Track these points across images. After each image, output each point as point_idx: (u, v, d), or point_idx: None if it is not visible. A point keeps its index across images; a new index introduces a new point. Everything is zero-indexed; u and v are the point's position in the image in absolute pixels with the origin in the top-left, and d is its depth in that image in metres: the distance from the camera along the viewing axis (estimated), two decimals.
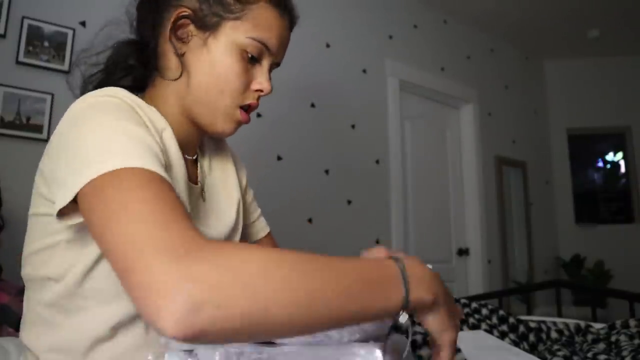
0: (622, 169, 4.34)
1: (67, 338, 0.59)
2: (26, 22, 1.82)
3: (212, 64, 0.66)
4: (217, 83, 0.67)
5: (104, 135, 0.52)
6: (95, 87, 0.70)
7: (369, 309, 0.47)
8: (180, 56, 0.67)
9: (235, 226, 0.78)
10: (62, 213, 0.53)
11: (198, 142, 0.76)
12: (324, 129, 2.71)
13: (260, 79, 0.70)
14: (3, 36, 1.78)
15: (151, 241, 0.42)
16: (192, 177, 0.73)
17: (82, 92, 0.70)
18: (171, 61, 0.68)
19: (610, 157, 4.41)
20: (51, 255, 0.60)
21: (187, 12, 0.66)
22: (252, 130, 2.46)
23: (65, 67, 1.87)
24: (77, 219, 0.54)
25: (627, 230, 4.15)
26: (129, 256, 0.42)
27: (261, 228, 0.92)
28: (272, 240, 0.94)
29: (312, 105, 2.68)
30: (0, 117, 1.74)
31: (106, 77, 0.72)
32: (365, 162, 2.91)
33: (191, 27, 0.67)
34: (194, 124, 0.71)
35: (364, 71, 2.99)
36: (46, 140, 1.80)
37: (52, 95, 1.83)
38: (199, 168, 0.76)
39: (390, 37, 3.19)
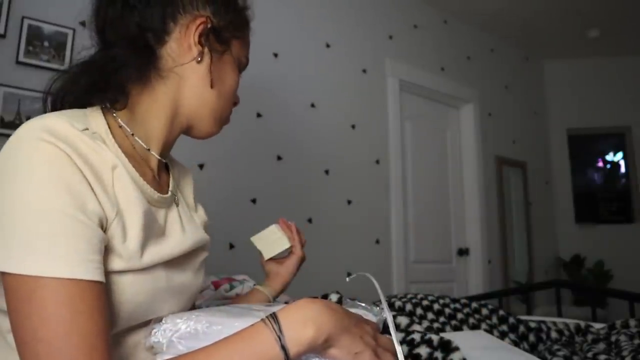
0: (622, 169, 4.34)
1: None
2: (26, 22, 1.82)
3: (225, 76, 0.72)
4: (227, 94, 0.73)
5: (32, 217, 0.51)
6: (82, 90, 0.68)
7: None
8: (199, 63, 0.69)
9: (207, 241, 0.78)
10: None
11: (172, 145, 0.76)
12: (324, 129, 2.71)
13: (236, 93, 0.77)
14: (3, 36, 1.78)
15: None
16: (163, 184, 0.73)
17: (53, 97, 0.69)
18: (182, 66, 0.68)
19: (610, 157, 4.41)
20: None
21: (210, 22, 0.69)
22: (252, 130, 2.46)
23: (65, 67, 1.87)
24: None
25: (627, 230, 4.15)
26: None
27: None
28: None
29: (312, 106, 2.68)
30: (0, 117, 1.74)
31: (94, 80, 0.68)
32: (365, 162, 2.91)
33: (212, 39, 0.69)
34: (183, 126, 0.72)
35: (364, 71, 2.99)
36: None
37: None
38: (171, 175, 0.77)
39: (390, 37, 3.19)
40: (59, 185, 0.52)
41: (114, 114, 0.67)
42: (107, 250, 0.56)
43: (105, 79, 0.66)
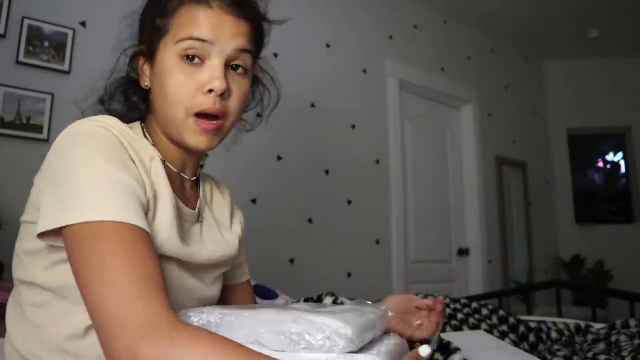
0: (622, 169, 4.34)
1: (51, 338, 0.61)
2: (26, 22, 1.82)
3: (160, 84, 0.68)
4: (165, 97, 0.67)
5: (89, 177, 0.56)
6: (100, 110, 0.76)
7: None
8: (147, 88, 0.72)
9: (232, 257, 0.80)
10: (43, 233, 0.57)
11: (192, 162, 0.77)
12: (324, 129, 2.71)
13: (207, 78, 0.65)
14: (3, 36, 1.78)
15: (129, 320, 0.49)
16: (190, 200, 0.75)
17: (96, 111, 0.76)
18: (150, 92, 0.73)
19: (610, 157, 4.41)
20: (37, 260, 0.62)
21: (137, 48, 0.73)
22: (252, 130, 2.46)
23: (65, 67, 1.87)
24: (55, 243, 0.58)
25: (627, 230, 4.15)
26: (109, 330, 0.49)
27: (243, 273, 0.92)
28: (250, 287, 0.95)
29: (312, 105, 2.68)
30: (0, 117, 1.74)
31: (113, 103, 0.77)
32: (365, 162, 2.91)
33: (141, 59, 0.73)
34: (177, 145, 0.73)
35: (364, 71, 2.99)
36: (46, 140, 1.80)
37: (52, 95, 1.83)
38: (200, 192, 0.79)
39: (390, 37, 3.19)
40: (110, 154, 0.59)
41: (143, 127, 0.74)
42: None
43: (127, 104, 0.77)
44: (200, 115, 0.66)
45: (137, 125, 0.73)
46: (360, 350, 0.54)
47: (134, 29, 0.75)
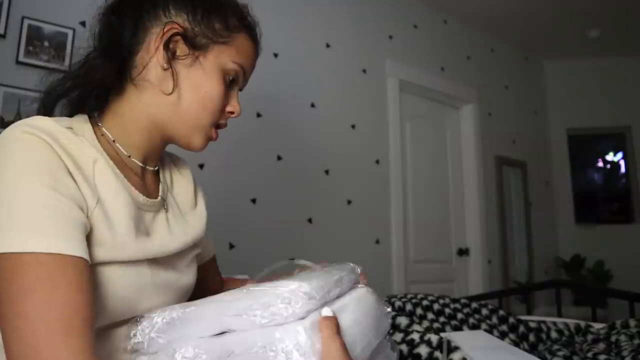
0: (622, 169, 4.34)
1: None
2: (26, 22, 1.83)
3: (199, 83, 0.69)
4: (202, 101, 0.69)
5: (15, 201, 0.52)
6: (57, 98, 0.70)
7: None
8: (166, 70, 0.68)
9: (200, 239, 0.79)
10: None
11: (160, 154, 0.77)
12: (324, 129, 2.71)
13: (233, 102, 0.74)
14: (3, 36, 1.78)
15: None
16: (152, 190, 0.74)
17: (44, 102, 0.70)
18: (151, 73, 0.68)
19: (610, 157, 4.41)
20: None
21: (179, 29, 0.68)
22: (252, 130, 2.46)
23: (65, 67, 1.87)
24: None
25: (627, 230, 4.15)
26: None
27: (210, 250, 0.92)
28: (215, 264, 0.95)
29: (312, 106, 2.68)
30: (0, 117, 1.74)
31: (71, 88, 0.70)
32: (365, 162, 2.91)
33: (181, 45, 0.68)
34: (162, 135, 0.72)
35: (364, 71, 2.99)
36: None
37: None
38: (161, 180, 0.77)
39: (390, 37, 3.19)
40: (38, 168, 0.55)
41: (99, 123, 0.70)
42: (90, 240, 0.57)
43: (87, 90, 0.70)
44: (214, 127, 0.74)
45: (80, 120, 0.67)
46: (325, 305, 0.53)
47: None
